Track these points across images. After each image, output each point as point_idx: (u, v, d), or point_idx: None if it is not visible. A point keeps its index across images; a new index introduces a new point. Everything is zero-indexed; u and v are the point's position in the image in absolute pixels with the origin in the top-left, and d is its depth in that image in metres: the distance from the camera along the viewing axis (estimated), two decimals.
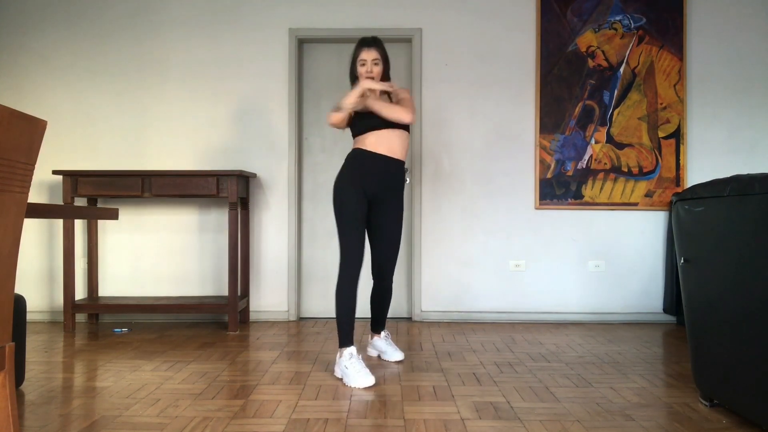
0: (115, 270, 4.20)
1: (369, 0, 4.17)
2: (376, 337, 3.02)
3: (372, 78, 2.75)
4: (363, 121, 2.74)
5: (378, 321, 2.97)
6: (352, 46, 4.22)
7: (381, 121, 2.70)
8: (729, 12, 4.16)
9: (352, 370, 2.56)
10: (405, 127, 2.77)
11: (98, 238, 4.17)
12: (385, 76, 2.84)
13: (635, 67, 4.14)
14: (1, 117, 1.19)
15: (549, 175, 4.15)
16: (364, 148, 2.74)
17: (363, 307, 4.21)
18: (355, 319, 2.76)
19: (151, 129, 4.19)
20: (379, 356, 3.04)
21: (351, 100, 2.67)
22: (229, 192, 3.75)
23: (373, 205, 2.80)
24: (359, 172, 2.73)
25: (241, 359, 3.04)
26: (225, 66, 4.19)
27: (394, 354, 2.98)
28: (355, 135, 2.81)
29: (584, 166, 4.14)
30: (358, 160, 2.75)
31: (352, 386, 2.53)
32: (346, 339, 2.66)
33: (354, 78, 2.84)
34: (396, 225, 2.85)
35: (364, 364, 2.61)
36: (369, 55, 2.76)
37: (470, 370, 2.80)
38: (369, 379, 2.53)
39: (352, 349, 2.63)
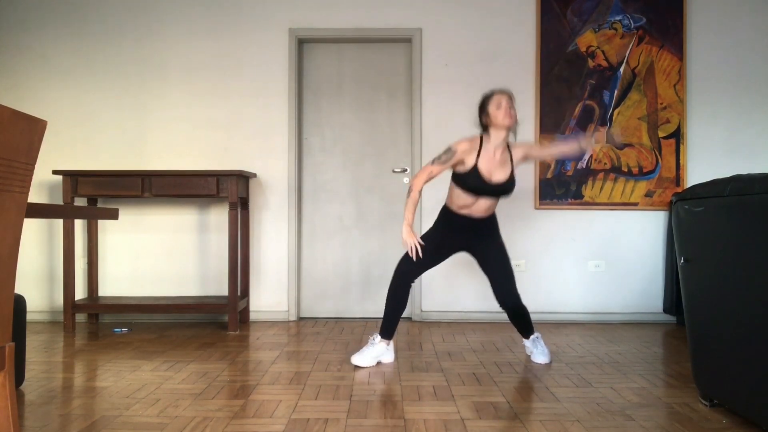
0: (115, 270, 4.20)
1: (369, 0, 4.17)
2: (524, 340, 3.09)
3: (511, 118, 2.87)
4: (467, 184, 2.87)
5: (523, 329, 3.06)
6: (352, 46, 4.31)
7: (478, 193, 2.88)
8: (729, 12, 4.16)
9: (368, 351, 2.89)
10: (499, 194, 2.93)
11: (98, 238, 4.17)
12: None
13: (635, 67, 4.14)
14: (1, 117, 1.19)
15: (549, 175, 4.15)
16: (450, 206, 2.97)
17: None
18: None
19: (151, 129, 4.19)
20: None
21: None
22: (229, 192, 3.75)
23: (471, 247, 2.97)
24: (450, 226, 2.96)
25: (241, 359, 3.04)
26: (225, 66, 4.19)
27: (539, 357, 3.00)
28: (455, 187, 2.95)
29: (584, 166, 4.14)
30: (447, 216, 2.98)
31: (352, 360, 2.88)
32: (384, 331, 2.92)
33: (484, 118, 2.97)
34: (497, 254, 2.94)
35: (379, 357, 2.90)
36: (508, 102, 2.88)
37: (470, 370, 2.81)
38: (365, 362, 2.86)
39: (385, 342, 2.92)
